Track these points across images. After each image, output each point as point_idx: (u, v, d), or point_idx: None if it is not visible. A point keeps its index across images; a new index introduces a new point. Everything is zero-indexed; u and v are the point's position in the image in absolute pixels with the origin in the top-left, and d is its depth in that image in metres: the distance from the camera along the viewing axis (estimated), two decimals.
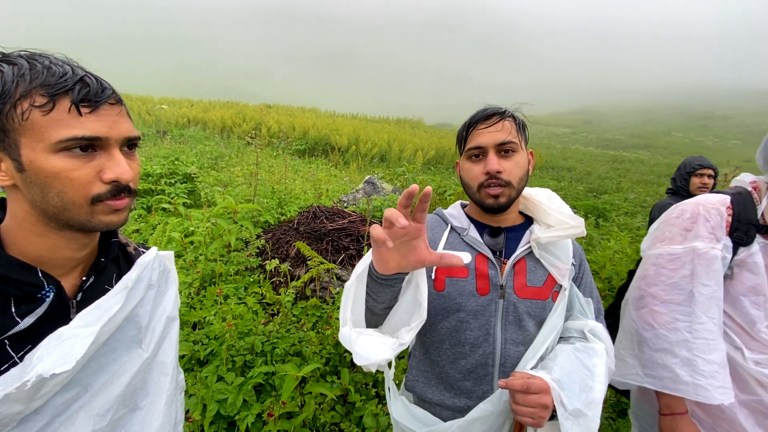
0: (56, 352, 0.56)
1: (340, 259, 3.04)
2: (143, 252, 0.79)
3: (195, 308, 2.37)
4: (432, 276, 1.00)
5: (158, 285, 0.78)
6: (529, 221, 1.07)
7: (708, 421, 1.09)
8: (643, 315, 1.13)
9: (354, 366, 2.16)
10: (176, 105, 17.42)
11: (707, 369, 1.01)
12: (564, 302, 0.99)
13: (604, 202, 8.54)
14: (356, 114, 22.22)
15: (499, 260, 1.00)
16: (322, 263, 2.52)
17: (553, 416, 0.84)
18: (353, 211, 3.87)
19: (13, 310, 0.57)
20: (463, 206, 1.14)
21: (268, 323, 2.23)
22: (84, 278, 0.67)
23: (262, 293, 2.60)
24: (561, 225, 0.98)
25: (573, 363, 0.91)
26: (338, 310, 2.37)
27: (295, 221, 3.54)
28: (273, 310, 2.57)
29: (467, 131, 1.02)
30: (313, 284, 2.75)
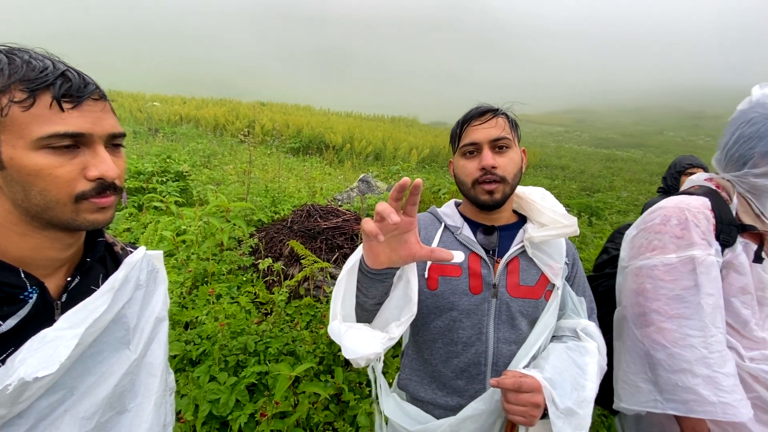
0: (39, 355, 0.55)
1: (334, 258, 3.03)
2: (131, 252, 0.77)
3: (187, 308, 2.35)
4: (425, 275, 1.00)
5: (147, 285, 0.77)
6: (523, 220, 1.07)
7: (716, 429, 1.06)
8: (651, 334, 1.05)
9: (348, 365, 2.16)
10: (168, 102, 17.24)
11: (728, 384, 0.97)
12: (557, 301, 0.99)
13: (597, 201, 8.61)
14: (351, 112, 22.15)
15: (492, 259, 1.00)
16: (316, 262, 2.50)
17: (545, 415, 0.84)
18: (347, 210, 3.86)
19: None
20: (457, 205, 1.13)
21: (261, 323, 2.22)
22: (69, 279, 0.65)
23: (255, 292, 2.58)
24: (554, 224, 0.98)
25: (565, 362, 0.91)
26: None
27: (289, 220, 3.53)
28: (266, 310, 2.55)
29: (461, 128, 1.02)
30: (307, 283, 2.74)
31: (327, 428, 1.87)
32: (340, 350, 2.35)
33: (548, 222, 0.99)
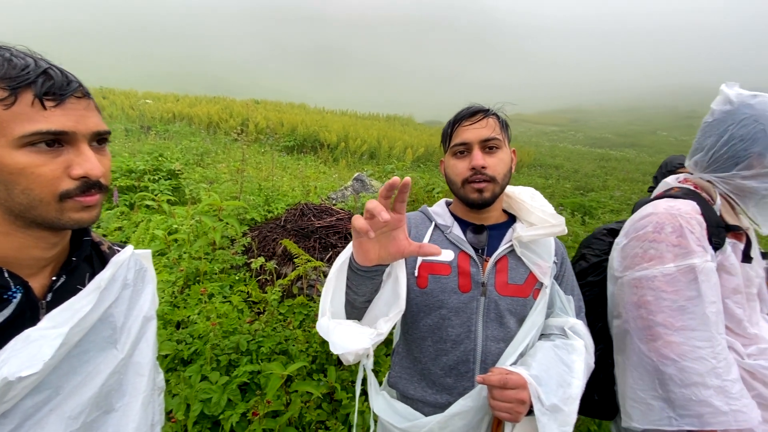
0: (23, 355, 0.54)
1: (328, 257, 3.03)
2: (118, 251, 0.77)
3: (179, 307, 2.34)
4: (415, 273, 1.00)
5: (134, 284, 0.77)
6: (513, 219, 1.08)
7: None
8: (659, 349, 1.01)
9: (341, 364, 2.16)
10: (161, 100, 17.06)
11: (736, 391, 0.96)
12: (545, 300, 1.01)
13: (591, 200, 8.67)
14: (346, 110, 22.07)
15: (481, 258, 1.01)
16: (309, 261, 2.50)
17: (531, 411, 0.85)
18: (341, 209, 3.86)
19: None
20: (448, 204, 1.14)
21: (254, 322, 2.21)
22: (54, 278, 0.65)
23: (248, 291, 2.58)
24: (543, 223, 0.99)
25: (552, 359, 0.92)
26: None
27: (282, 219, 3.52)
28: (259, 309, 2.55)
29: (452, 128, 1.03)
30: (300, 282, 2.73)
31: (319, 427, 1.87)
32: None
33: (537, 221, 1.00)
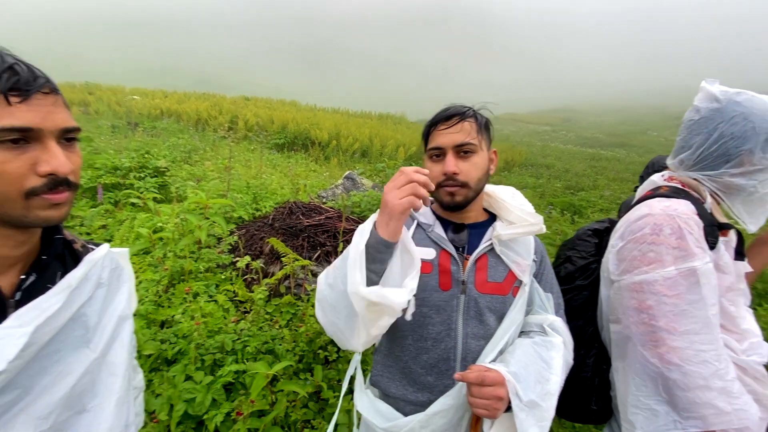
0: None
1: (316, 256, 3.02)
2: (92, 249, 0.76)
3: (163, 306, 2.31)
4: None
5: (109, 283, 0.76)
6: (493, 218, 1.09)
7: None
8: (663, 354, 0.99)
9: (328, 363, 2.16)
10: (149, 96, 16.82)
11: (736, 390, 0.96)
12: (524, 297, 1.02)
13: (581, 199, 8.78)
14: (337, 108, 21.95)
15: (462, 256, 1.02)
16: (297, 260, 2.49)
17: (511, 408, 0.86)
18: (331, 207, 3.85)
19: None
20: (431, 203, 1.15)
21: (240, 321, 2.20)
22: (23, 276, 0.64)
23: (234, 291, 2.56)
24: (522, 222, 1.00)
25: (531, 356, 0.93)
26: (313, 307, 2.35)
27: (270, 217, 3.50)
28: (245, 308, 2.53)
29: (429, 131, 1.04)
30: (288, 281, 2.72)
31: (305, 426, 1.87)
32: (320, 348, 2.32)
33: (516, 220, 1.01)
